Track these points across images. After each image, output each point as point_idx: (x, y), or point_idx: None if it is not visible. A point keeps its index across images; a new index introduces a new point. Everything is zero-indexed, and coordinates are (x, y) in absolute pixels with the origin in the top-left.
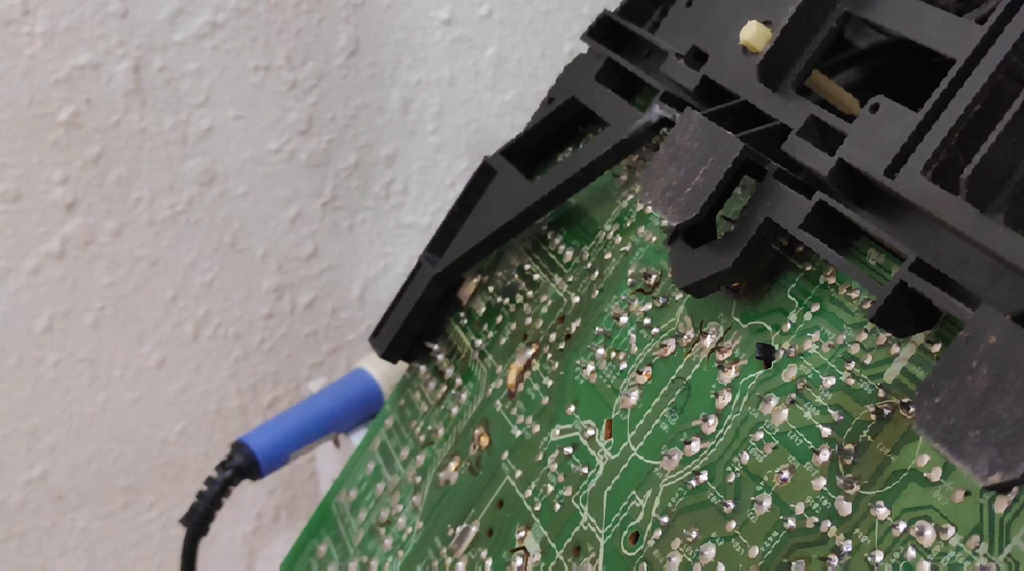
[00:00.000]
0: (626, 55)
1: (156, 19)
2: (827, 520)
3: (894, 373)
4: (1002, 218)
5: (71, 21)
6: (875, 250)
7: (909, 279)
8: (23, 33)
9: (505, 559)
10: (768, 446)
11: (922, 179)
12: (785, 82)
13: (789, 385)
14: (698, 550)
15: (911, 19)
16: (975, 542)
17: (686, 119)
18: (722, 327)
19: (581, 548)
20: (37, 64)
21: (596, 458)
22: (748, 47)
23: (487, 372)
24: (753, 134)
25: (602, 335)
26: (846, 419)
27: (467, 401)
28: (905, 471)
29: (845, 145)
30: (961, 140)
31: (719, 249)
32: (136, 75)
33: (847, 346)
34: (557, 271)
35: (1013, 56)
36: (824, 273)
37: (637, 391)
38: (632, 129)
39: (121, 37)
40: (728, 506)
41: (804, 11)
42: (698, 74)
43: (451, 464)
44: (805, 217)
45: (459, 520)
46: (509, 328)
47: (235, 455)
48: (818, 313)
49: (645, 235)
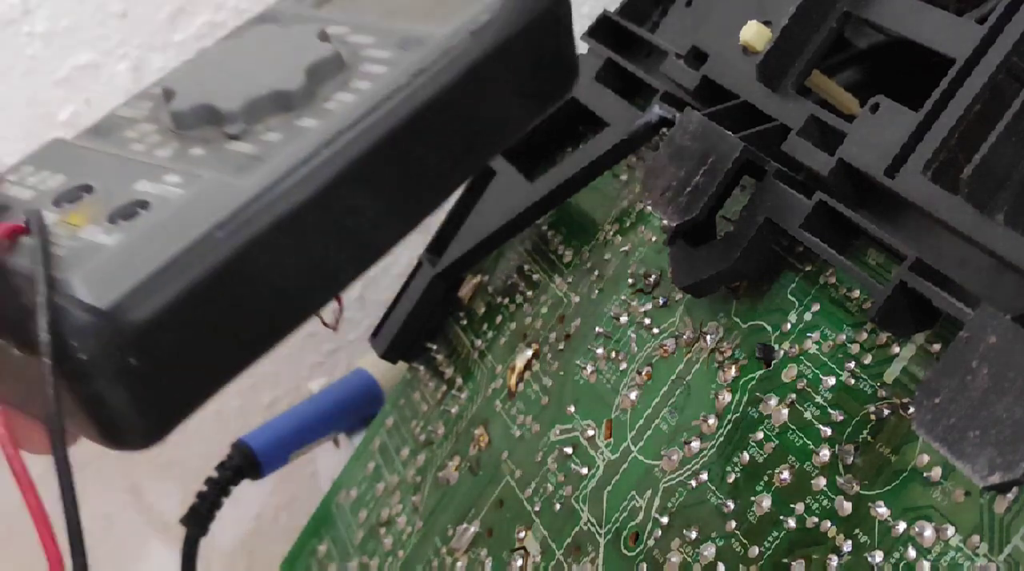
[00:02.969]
0: (626, 55)
1: (156, 19)
2: (827, 520)
3: (894, 373)
4: (1002, 218)
5: (71, 21)
6: (875, 250)
7: (909, 279)
8: (23, 33)
9: (505, 559)
10: (768, 446)
11: (922, 179)
12: (785, 82)
13: (789, 385)
14: (698, 550)
15: (911, 19)
16: (975, 542)
17: (686, 119)
18: (722, 327)
19: (581, 548)
20: (37, 64)
21: (596, 458)
22: (748, 47)
23: (487, 372)
24: (753, 134)
25: (602, 335)
26: (846, 419)
27: (467, 401)
28: (905, 471)
29: (845, 145)
30: (961, 140)
31: (719, 249)
32: (136, 75)
33: (847, 346)
34: (557, 271)
35: (1013, 56)
36: (824, 273)
37: (637, 391)
38: (632, 129)
39: (121, 37)
40: (728, 506)
41: (804, 11)
42: (698, 74)
43: (451, 464)
44: (805, 217)
45: (459, 520)
46: (509, 328)
47: (235, 455)
48: (818, 313)
49: (645, 235)
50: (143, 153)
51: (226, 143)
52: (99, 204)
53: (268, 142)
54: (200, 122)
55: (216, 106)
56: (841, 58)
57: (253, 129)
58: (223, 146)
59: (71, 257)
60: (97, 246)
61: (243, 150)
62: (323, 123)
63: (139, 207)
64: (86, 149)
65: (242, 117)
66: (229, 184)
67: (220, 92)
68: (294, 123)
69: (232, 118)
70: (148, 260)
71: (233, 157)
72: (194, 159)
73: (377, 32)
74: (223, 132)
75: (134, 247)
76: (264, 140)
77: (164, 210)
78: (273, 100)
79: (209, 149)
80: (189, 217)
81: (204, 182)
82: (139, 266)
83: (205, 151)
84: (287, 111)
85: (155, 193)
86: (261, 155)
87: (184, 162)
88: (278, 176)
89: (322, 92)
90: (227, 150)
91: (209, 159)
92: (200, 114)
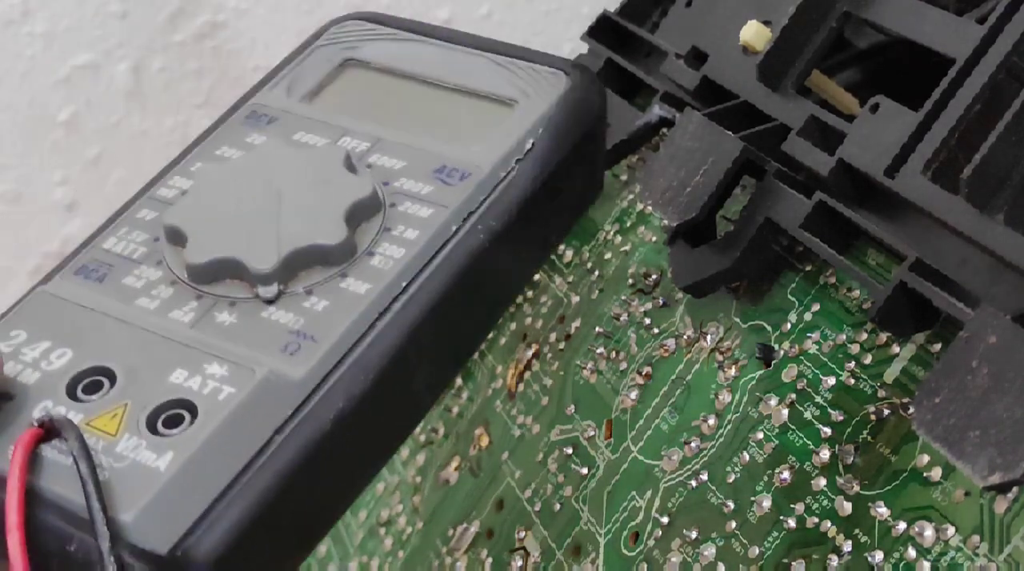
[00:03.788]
0: (626, 55)
1: (156, 19)
2: (827, 520)
3: (894, 373)
4: (1002, 218)
5: (71, 21)
6: (875, 250)
7: (909, 279)
8: (23, 33)
9: (505, 559)
10: (768, 446)
11: (922, 179)
12: (785, 82)
13: (789, 385)
14: (698, 550)
15: (911, 19)
16: (975, 542)
17: (686, 119)
18: (722, 327)
19: (581, 548)
20: (37, 64)
21: (596, 458)
22: (748, 47)
23: (487, 372)
24: (753, 134)
25: (602, 335)
26: (846, 419)
27: (467, 401)
28: (905, 471)
29: (845, 145)
30: (961, 140)
31: (719, 249)
32: (136, 76)
33: (847, 346)
34: (557, 271)
35: (1013, 56)
36: (824, 273)
37: (637, 391)
38: (632, 129)
39: (121, 37)
40: (728, 506)
41: (804, 11)
42: (698, 74)
43: (451, 464)
44: (805, 217)
45: (459, 520)
46: (509, 328)
47: None
48: (818, 313)
49: (645, 235)
50: (156, 315)
51: (261, 309)
52: (129, 400)
53: (314, 312)
54: (222, 277)
55: (243, 262)
56: (841, 58)
57: (290, 290)
58: (258, 313)
59: (117, 485)
60: (147, 470)
61: (285, 321)
62: (373, 286)
63: (183, 409)
64: (83, 308)
65: (277, 276)
66: (282, 375)
67: (243, 241)
68: (339, 286)
69: (265, 278)
70: (208, 485)
71: (275, 331)
72: (225, 330)
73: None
74: (254, 293)
75: (190, 470)
76: (308, 309)
77: (215, 416)
78: (311, 255)
79: (241, 316)
80: (245, 423)
81: (256, 377)
82: (199, 494)
83: (236, 319)
84: (327, 266)
85: (198, 391)
86: (310, 332)
87: (213, 334)
88: (335, 361)
89: (363, 241)
90: (264, 320)
91: (245, 333)
92: (223, 269)
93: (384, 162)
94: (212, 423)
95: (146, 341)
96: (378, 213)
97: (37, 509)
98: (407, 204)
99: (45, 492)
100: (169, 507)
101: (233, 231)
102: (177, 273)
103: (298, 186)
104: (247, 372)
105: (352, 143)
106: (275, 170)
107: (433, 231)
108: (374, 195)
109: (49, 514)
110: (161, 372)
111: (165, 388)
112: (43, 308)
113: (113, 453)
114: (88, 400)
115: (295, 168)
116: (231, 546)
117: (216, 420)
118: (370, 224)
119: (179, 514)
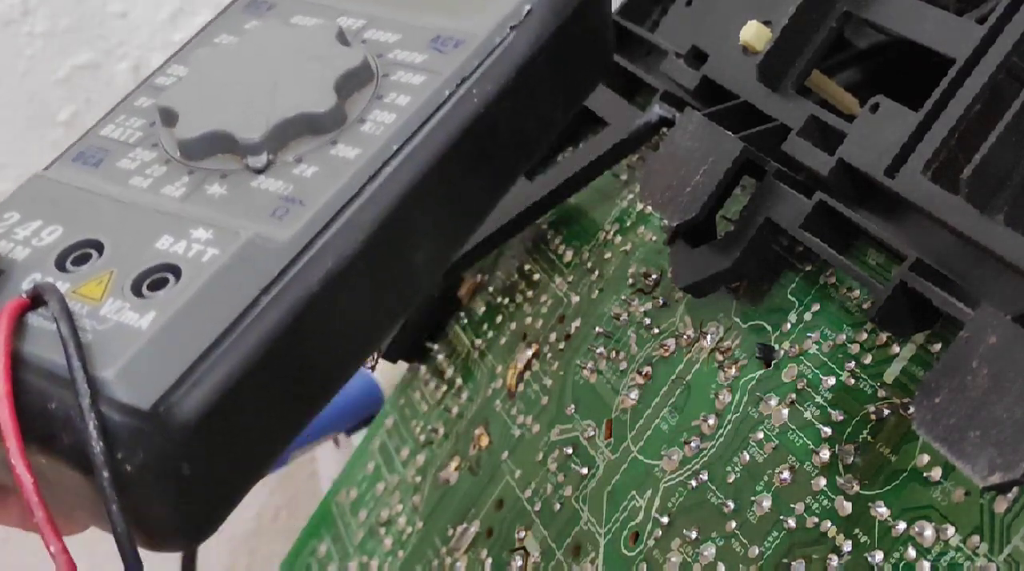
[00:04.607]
0: (626, 55)
1: (156, 19)
2: (827, 520)
3: (894, 373)
4: (1002, 218)
5: (71, 21)
6: (875, 250)
7: (909, 279)
8: (23, 33)
9: (505, 559)
10: (768, 446)
11: (922, 179)
12: (785, 82)
13: (789, 385)
14: (698, 550)
15: (911, 19)
16: (975, 542)
17: (686, 119)
18: (722, 327)
19: (581, 548)
20: (37, 64)
21: (596, 458)
22: (748, 47)
23: (487, 372)
24: (753, 134)
25: (602, 335)
26: (846, 419)
27: (467, 401)
28: (905, 471)
29: (845, 145)
30: (961, 140)
31: (719, 249)
32: (136, 75)
33: (847, 346)
34: (557, 271)
35: (1013, 56)
36: (824, 273)
37: (637, 391)
38: (632, 129)
39: (121, 37)
40: (728, 506)
41: (804, 11)
42: (698, 74)
43: (451, 464)
44: (805, 217)
45: (459, 520)
46: (509, 328)
47: None
48: (818, 313)
49: (645, 235)
50: (149, 192)
51: (251, 179)
52: (115, 267)
53: (303, 178)
54: (214, 151)
55: (233, 134)
56: (841, 58)
57: (280, 160)
58: (248, 183)
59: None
60: (129, 330)
61: (274, 189)
62: (363, 151)
63: (167, 273)
64: (78, 189)
65: (266, 146)
66: (269, 238)
67: (233, 114)
68: (329, 153)
69: (254, 148)
70: (191, 343)
71: (264, 199)
72: (215, 201)
73: (400, 28)
74: (244, 164)
75: (173, 328)
76: (297, 175)
77: (199, 277)
78: (300, 124)
79: (231, 187)
80: (230, 284)
81: (241, 239)
82: (182, 352)
83: (227, 190)
84: (317, 135)
85: (183, 254)
86: (298, 197)
87: (203, 205)
88: (323, 223)
89: (354, 110)
90: (254, 189)
91: (235, 202)
92: (214, 143)
93: (379, 36)
94: (195, 284)
95: (136, 215)
96: (370, 83)
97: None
98: (400, 73)
99: (31, 357)
100: (151, 365)
101: (224, 106)
102: (170, 152)
103: (291, 62)
104: (231, 235)
105: (348, 22)
106: (269, 50)
107: (426, 97)
108: (365, 65)
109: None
110: (148, 240)
111: (151, 254)
112: (38, 191)
113: (97, 316)
114: (76, 270)
115: (288, 46)
116: (216, 405)
117: (199, 281)
118: (362, 94)
119: (161, 371)
